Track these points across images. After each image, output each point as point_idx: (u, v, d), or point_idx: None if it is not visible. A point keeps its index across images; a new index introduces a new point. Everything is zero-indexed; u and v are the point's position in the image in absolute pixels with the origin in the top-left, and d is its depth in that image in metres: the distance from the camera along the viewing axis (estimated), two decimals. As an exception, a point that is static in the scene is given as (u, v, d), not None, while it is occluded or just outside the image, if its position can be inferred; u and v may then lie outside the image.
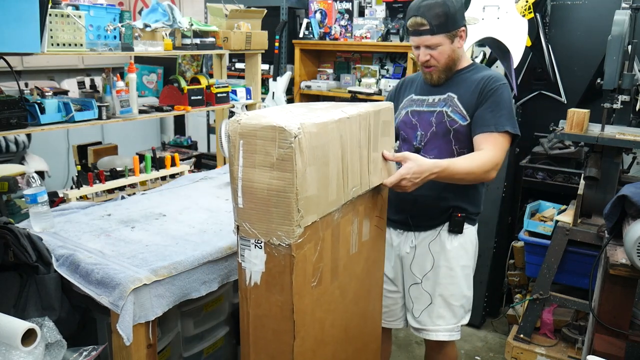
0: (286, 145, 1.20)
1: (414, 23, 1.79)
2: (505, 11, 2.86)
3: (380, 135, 1.64)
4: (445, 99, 1.89)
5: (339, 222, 1.48)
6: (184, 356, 1.96)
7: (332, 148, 1.37)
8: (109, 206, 2.10)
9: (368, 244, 1.70)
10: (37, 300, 1.56)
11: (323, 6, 4.00)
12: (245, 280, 1.37)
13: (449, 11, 1.76)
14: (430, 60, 1.84)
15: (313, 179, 1.29)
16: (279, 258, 1.30)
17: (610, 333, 1.82)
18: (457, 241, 1.94)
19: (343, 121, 1.42)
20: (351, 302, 1.64)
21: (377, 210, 1.73)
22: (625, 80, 2.37)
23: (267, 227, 1.28)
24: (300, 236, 1.28)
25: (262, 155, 1.24)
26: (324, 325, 1.49)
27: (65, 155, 4.18)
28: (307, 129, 1.24)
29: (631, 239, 1.65)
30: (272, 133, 1.22)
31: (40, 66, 4.32)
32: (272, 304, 1.35)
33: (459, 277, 1.96)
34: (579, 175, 2.71)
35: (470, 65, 1.94)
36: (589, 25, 3.15)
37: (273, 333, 1.37)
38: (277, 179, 1.23)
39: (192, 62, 4.72)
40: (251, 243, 1.32)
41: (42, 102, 2.12)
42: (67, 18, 2.06)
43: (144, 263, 1.56)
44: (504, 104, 1.82)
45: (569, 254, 2.52)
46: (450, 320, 1.99)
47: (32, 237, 1.57)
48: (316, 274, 1.40)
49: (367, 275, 1.73)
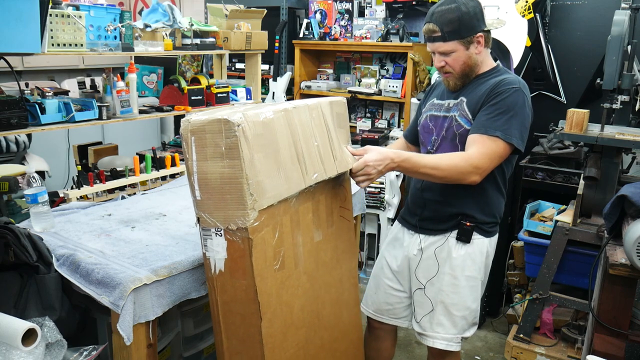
0: (232, 135, 1.31)
1: (427, 30, 1.77)
2: (505, 11, 2.86)
3: (337, 127, 1.73)
4: (458, 103, 1.86)
5: (298, 209, 1.56)
6: (184, 356, 1.96)
7: (281, 136, 1.46)
8: (109, 206, 2.11)
9: (334, 233, 1.78)
10: (38, 300, 1.56)
11: (323, 6, 4.01)
12: (210, 269, 1.45)
13: (462, 17, 1.71)
14: (445, 66, 1.81)
15: (262, 164, 1.38)
16: (238, 243, 1.38)
17: (610, 333, 1.82)
18: (464, 250, 1.88)
19: (289, 111, 1.52)
20: (321, 288, 1.71)
21: (339, 201, 1.81)
22: (624, 81, 2.37)
23: (224, 214, 1.37)
24: (256, 219, 1.37)
25: (212, 148, 1.34)
26: (292, 309, 1.56)
27: (66, 155, 4.17)
28: (250, 118, 1.35)
29: (631, 239, 1.65)
30: (218, 125, 1.32)
31: (40, 66, 4.32)
32: (237, 288, 1.43)
33: (462, 287, 1.89)
34: (579, 175, 2.71)
35: (492, 70, 1.86)
36: (589, 25, 3.15)
37: (241, 317, 1.45)
38: (228, 167, 1.33)
39: (192, 62, 4.72)
40: (212, 232, 1.41)
41: (42, 102, 2.12)
42: (67, 18, 2.07)
43: (144, 263, 1.56)
44: (507, 109, 1.73)
45: (568, 254, 2.52)
46: (450, 329, 1.92)
47: (33, 237, 1.58)
48: (277, 257, 1.48)
49: (337, 264, 1.81)
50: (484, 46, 1.81)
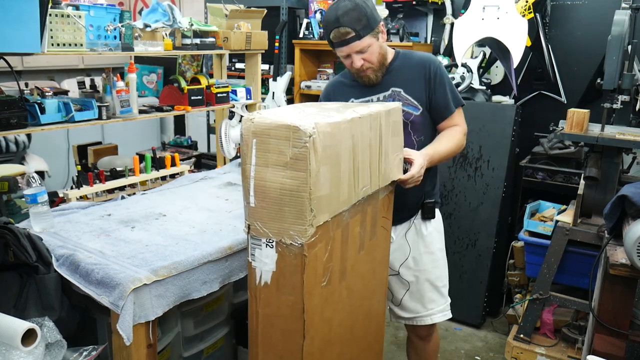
0: (300, 145, 1.20)
1: (339, 34, 1.80)
2: (505, 11, 2.86)
3: (390, 136, 1.64)
4: (391, 94, 1.94)
5: (349, 222, 1.48)
6: (184, 356, 1.96)
7: (344, 148, 1.37)
8: (109, 206, 2.10)
9: (374, 244, 1.71)
10: (37, 300, 1.56)
11: (323, 6, 4.00)
12: (255, 280, 1.37)
13: (366, 12, 1.79)
14: (364, 63, 1.87)
15: (326, 178, 1.29)
16: (290, 257, 1.29)
17: (610, 333, 1.82)
18: (431, 226, 2.05)
19: (355, 121, 1.42)
20: (357, 302, 1.64)
21: (383, 211, 1.74)
22: (625, 80, 2.37)
23: (279, 226, 1.28)
24: (312, 235, 1.28)
25: (276, 155, 1.24)
26: (331, 325, 1.49)
27: (65, 155, 4.17)
28: (322, 128, 1.24)
29: (631, 239, 1.65)
30: (286, 132, 1.21)
31: (40, 66, 4.32)
32: (282, 303, 1.34)
33: (439, 259, 2.07)
34: (579, 175, 2.71)
35: (397, 55, 1.98)
36: (589, 25, 3.15)
37: (282, 333, 1.37)
38: (291, 178, 1.23)
39: (192, 62, 4.72)
40: (262, 242, 1.32)
41: (42, 102, 2.11)
42: (67, 18, 2.06)
43: (144, 263, 1.56)
44: (449, 81, 1.96)
45: (568, 254, 2.52)
46: (440, 301, 2.09)
47: (32, 237, 1.57)
48: (326, 273, 1.40)
49: (372, 276, 1.73)
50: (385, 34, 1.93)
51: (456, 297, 2.27)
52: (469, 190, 3.11)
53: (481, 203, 3.08)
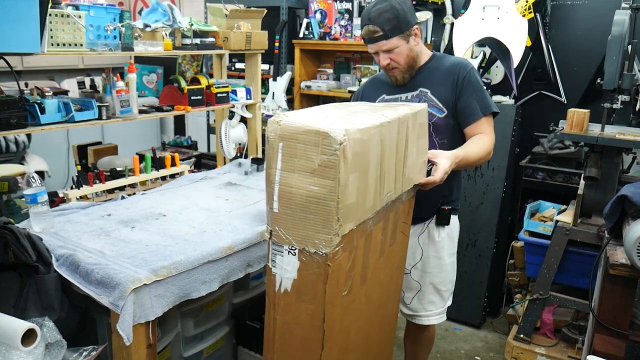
0: (330, 152, 1.15)
1: (368, 31, 1.87)
2: (505, 11, 2.86)
3: (416, 138, 1.61)
4: (419, 94, 1.96)
5: (372, 230, 1.44)
6: (184, 356, 1.96)
7: (373, 154, 1.32)
8: (109, 206, 2.10)
9: (393, 250, 1.67)
10: (37, 300, 1.56)
11: (323, 6, 4.00)
12: (274, 286, 1.32)
13: (399, 14, 1.82)
14: (390, 62, 1.91)
15: (353, 186, 1.23)
16: (313, 266, 1.25)
17: (610, 333, 1.82)
18: (444, 232, 2.04)
19: (384, 125, 1.36)
20: (374, 309, 1.61)
21: (404, 216, 1.71)
22: (625, 80, 2.37)
23: (303, 234, 1.23)
24: (337, 245, 1.23)
25: (303, 160, 1.19)
26: (349, 334, 1.45)
27: (65, 155, 4.18)
28: (352, 135, 1.18)
29: (631, 239, 1.65)
30: (315, 138, 1.16)
31: (40, 66, 4.32)
32: (302, 311, 1.30)
33: (446, 264, 2.08)
34: (579, 175, 2.71)
35: (432, 57, 2.00)
36: (589, 25, 3.15)
37: (300, 341, 1.33)
38: (318, 185, 1.18)
39: (192, 62, 4.72)
40: (284, 249, 1.27)
41: (42, 102, 2.11)
42: (67, 18, 2.06)
43: (144, 263, 1.56)
44: (480, 87, 1.92)
45: (568, 254, 2.52)
46: (439, 304, 2.12)
47: (32, 237, 1.57)
48: (348, 282, 1.35)
49: (389, 282, 1.71)
50: (420, 37, 1.94)
51: (456, 297, 2.28)
52: (469, 190, 3.11)
53: (481, 203, 3.08)
